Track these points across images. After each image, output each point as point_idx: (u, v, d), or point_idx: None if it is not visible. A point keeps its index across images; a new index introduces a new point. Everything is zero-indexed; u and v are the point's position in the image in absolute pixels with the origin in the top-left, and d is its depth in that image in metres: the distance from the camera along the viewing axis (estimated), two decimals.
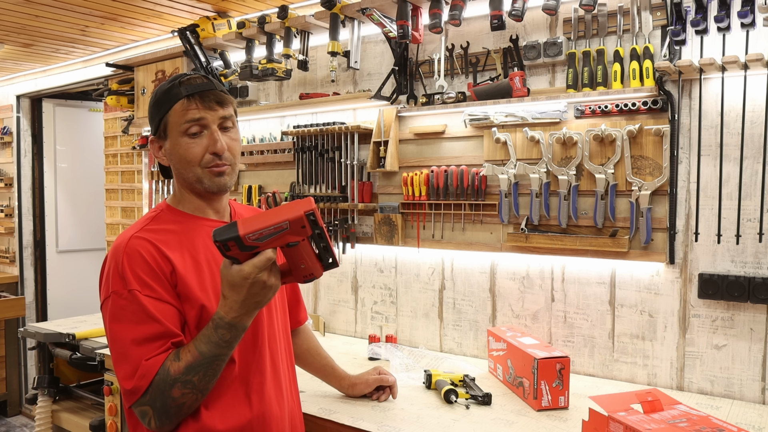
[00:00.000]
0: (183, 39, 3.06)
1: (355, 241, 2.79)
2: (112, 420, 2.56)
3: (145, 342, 1.27)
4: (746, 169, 1.92)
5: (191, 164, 1.40)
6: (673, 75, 1.98)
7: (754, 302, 1.90)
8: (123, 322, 1.29)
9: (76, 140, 5.26)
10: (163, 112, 1.40)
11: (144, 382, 1.26)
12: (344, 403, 1.93)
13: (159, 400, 1.26)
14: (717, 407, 1.88)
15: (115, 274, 1.32)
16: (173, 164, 1.44)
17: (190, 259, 1.38)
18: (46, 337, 2.91)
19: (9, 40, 3.71)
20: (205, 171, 1.40)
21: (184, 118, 1.38)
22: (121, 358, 1.29)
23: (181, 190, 1.47)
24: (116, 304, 1.30)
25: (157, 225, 1.42)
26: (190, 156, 1.39)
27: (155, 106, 1.43)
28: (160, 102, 1.41)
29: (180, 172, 1.43)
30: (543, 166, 2.24)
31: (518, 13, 2.09)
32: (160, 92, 1.42)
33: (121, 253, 1.33)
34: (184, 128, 1.38)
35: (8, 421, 4.72)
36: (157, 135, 1.45)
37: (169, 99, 1.39)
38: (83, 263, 5.27)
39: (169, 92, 1.40)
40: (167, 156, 1.44)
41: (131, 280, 1.30)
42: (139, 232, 1.38)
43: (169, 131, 1.41)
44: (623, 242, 2.08)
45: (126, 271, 1.31)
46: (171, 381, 1.25)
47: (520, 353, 1.97)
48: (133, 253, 1.33)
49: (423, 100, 2.48)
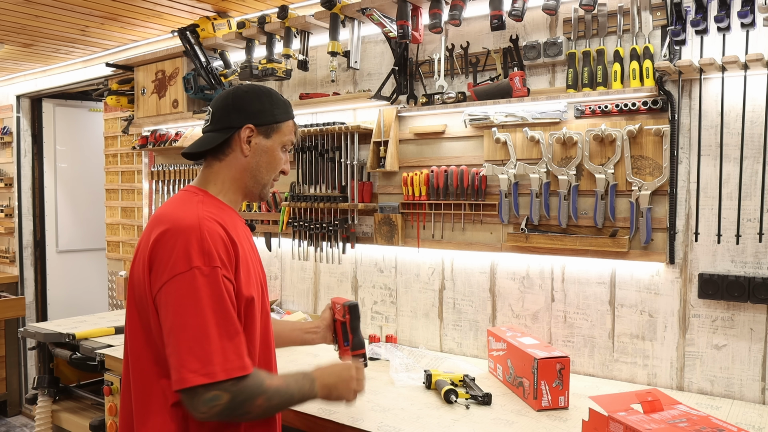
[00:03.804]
0: (183, 39, 3.06)
1: (355, 241, 2.79)
2: (112, 420, 2.56)
3: (229, 333, 1.29)
4: (746, 169, 1.93)
5: (271, 173, 1.55)
6: (673, 75, 1.98)
7: (754, 302, 1.90)
8: (203, 300, 1.28)
9: (76, 140, 5.26)
10: (280, 118, 1.53)
11: (237, 373, 1.28)
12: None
13: (243, 396, 1.29)
14: (717, 407, 1.88)
15: (195, 250, 1.30)
16: (254, 161, 1.51)
17: (240, 245, 1.42)
18: (46, 337, 2.91)
19: (9, 40, 3.72)
20: (271, 183, 1.57)
21: (290, 137, 1.56)
22: (203, 339, 1.26)
23: (230, 183, 1.52)
24: (197, 280, 1.28)
25: (209, 209, 1.42)
26: (278, 168, 1.56)
27: (275, 105, 1.53)
28: (281, 106, 1.54)
29: (254, 172, 1.52)
30: (543, 166, 2.24)
31: (518, 13, 2.09)
32: (279, 100, 1.55)
33: (198, 231, 1.32)
34: (286, 144, 1.55)
35: (8, 421, 4.72)
36: (259, 128, 1.50)
37: (287, 111, 1.56)
38: (83, 263, 5.27)
39: (287, 106, 1.56)
40: (253, 150, 1.51)
41: (215, 258, 1.31)
42: (205, 214, 1.37)
43: (275, 136, 1.53)
44: (623, 242, 2.08)
45: (210, 248, 1.31)
46: (262, 390, 1.32)
47: (520, 353, 1.97)
48: (213, 233, 1.34)
49: (423, 100, 2.48)
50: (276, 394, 1.35)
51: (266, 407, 1.34)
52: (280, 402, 1.37)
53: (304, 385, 1.43)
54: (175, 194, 1.56)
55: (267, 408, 1.34)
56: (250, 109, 1.50)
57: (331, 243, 2.79)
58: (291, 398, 1.40)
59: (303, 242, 2.88)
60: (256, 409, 1.32)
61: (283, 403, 1.38)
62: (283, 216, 2.95)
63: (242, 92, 1.52)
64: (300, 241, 2.89)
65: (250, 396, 1.30)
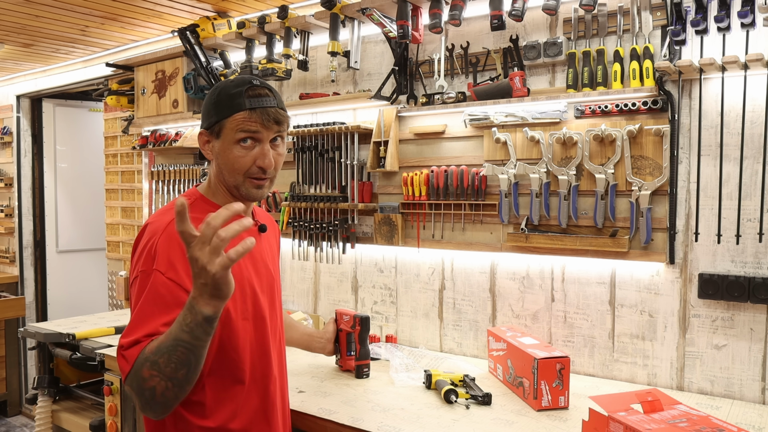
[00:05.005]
0: (183, 39, 3.06)
1: (355, 241, 2.79)
2: (112, 420, 2.56)
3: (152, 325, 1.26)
4: (746, 169, 1.92)
5: (236, 172, 1.43)
6: (673, 75, 1.98)
7: (754, 302, 1.90)
8: (141, 300, 1.31)
9: (76, 140, 5.26)
10: (222, 116, 1.42)
11: (129, 362, 1.22)
12: (344, 403, 1.93)
13: (135, 379, 1.21)
14: (717, 407, 1.88)
15: (147, 253, 1.34)
16: (218, 164, 1.47)
17: None
18: (46, 337, 2.91)
19: (9, 40, 3.72)
20: (247, 180, 1.44)
21: (241, 127, 1.41)
22: (135, 320, 1.29)
23: (218, 185, 1.51)
24: (143, 282, 1.32)
25: (193, 213, 1.39)
26: (238, 165, 1.43)
27: (216, 105, 1.44)
28: (221, 104, 1.43)
29: (223, 174, 1.47)
30: (543, 166, 2.24)
31: (518, 13, 2.09)
32: (224, 94, 1.43)
33: (158, 235, 1.36)
34: (239, 137, 1.41)
35: (8, 421, 4.72)
36: (209, 131, 1.46)
37: (231, 105, 1.41)
38: (83, 263, 5.27)
39: (232, 98, 1.41)
40: (214, 154, 1.47)
41: (160, 261, 1.32)
42: None
43: (223, 135, 1.43)
44: (623, 242, 2.08)
45: (159, 252, 1.33)
46: (143, 360, 1.20)
47: (520, 353, 1.97)
48: (171, 238, 1.35)
49: (423, 100, 2.48)
50: (157, 350, 1.18)
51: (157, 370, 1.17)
52: (165, 352, 1.17)
53: (181, 317, 1.17)
54: None
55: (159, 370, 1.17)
56: (203, 112, 1.48)
57: (331, 243, 2.79)
58: (168, 339, 1.18)
59: (303, 242, 2.88)
60: (151, 379, 1.18)
61: (167, 350, 1.17)
62: (283, 216, 2.95)
63: (207, 94, 1.51)
64: (300, 241, 2.89)
65: (136, 373, 1.20)
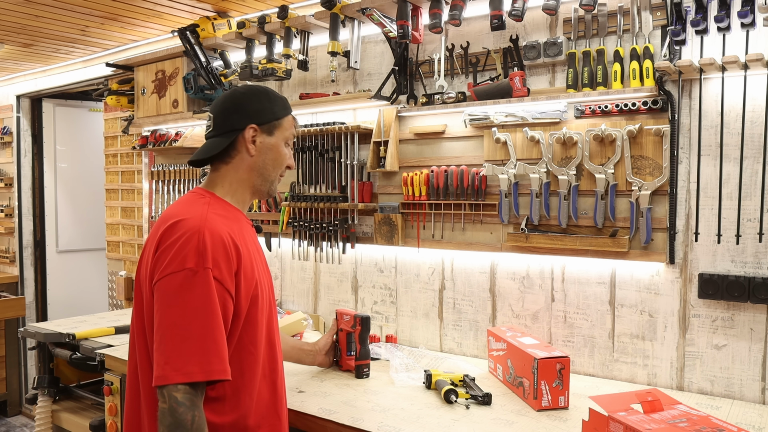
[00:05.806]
0: (183, 39, 3.06)
1: (355, 241, 2.79)
2: (112, 420, 2.56)
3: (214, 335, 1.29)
4: (746, 169, 1.92)
5: (278, 169, 1.58)
6: (673, 75, 1.98)
7: (754, 302, 1.90)
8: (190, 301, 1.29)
9: (76, 140, 5.26)
10: (280, 114, 1.56)
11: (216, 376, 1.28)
12: (344, 403, 1.93)
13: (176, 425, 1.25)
14: (717, 407, 1.88)
15: (192, 251, 1.32)
16: (260, 159, 1.53)
17: (244, 247, 1.43)
18: (46, 337, 2.91)
19: (9, 40, 3.72)
20: (277, 179, 1.60)
21: (292, 131, 1.60)
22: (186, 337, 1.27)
23: (238, 184, 1.54)
24: (188, 281, 1.30)
25: (216, 211, 1.45)
26: (284, 163, 1.59)
27: (273, 101, 1.55)
28: (279, 102, 1.57)
29: (261, 170, 1.55)
30: (543, 166, 2.24)
31: (518, 13, 2.09)
32: (276, 96, 1.57)
33: (198, 232, 1.34)
34: (289, 139, 1.59)
35: (8, 421, 4.72)
36: (261, 126, 1.52)
37: (285, 107, 1.59)
38: (83, 263, 5.27)
39: (284, 101, 1.59)
40: (259, 149, 1.54)
41: (209, 259, 1.32)
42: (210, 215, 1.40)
43: (277, 132, 1.56)
44: (623, 242, 2.08)
45: (206, 250, 1.32)
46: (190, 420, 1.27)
47: (520, 353, 1.97)
48: (214, 235, 1.35)
49: (423, 100, 2.48)
50: None
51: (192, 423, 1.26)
52: None
53: None
54: (182, 196, 1.58)
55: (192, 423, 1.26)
56: (251, 109, 1.52)
57: (331, 243, 2.79)
58: None
59: (303, 242, 2.88)
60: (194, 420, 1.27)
61: None
62: (283, 216, 2.95)
63: (240, 94, 1.54)
64: (300, 241, 2.89)
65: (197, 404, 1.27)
